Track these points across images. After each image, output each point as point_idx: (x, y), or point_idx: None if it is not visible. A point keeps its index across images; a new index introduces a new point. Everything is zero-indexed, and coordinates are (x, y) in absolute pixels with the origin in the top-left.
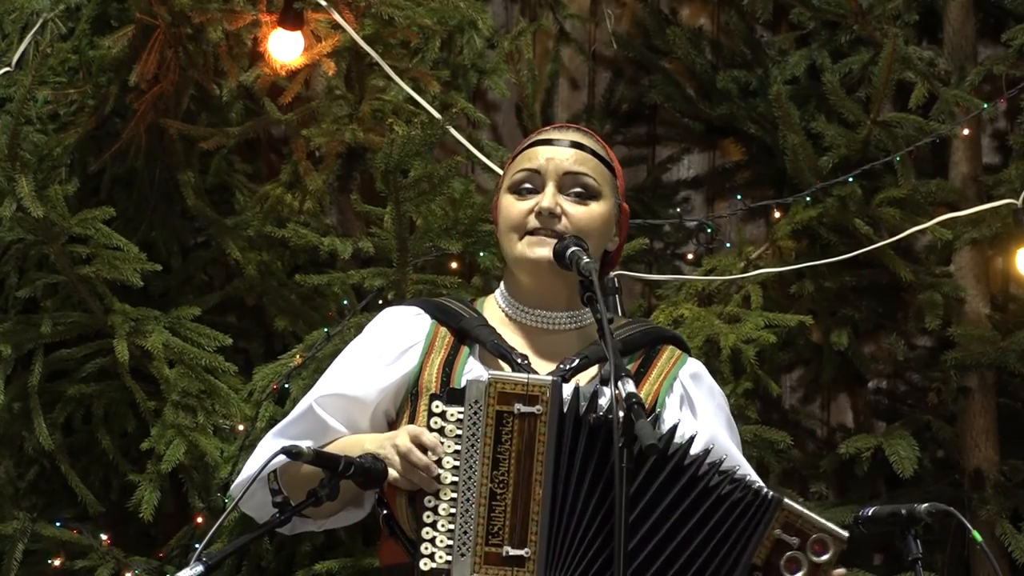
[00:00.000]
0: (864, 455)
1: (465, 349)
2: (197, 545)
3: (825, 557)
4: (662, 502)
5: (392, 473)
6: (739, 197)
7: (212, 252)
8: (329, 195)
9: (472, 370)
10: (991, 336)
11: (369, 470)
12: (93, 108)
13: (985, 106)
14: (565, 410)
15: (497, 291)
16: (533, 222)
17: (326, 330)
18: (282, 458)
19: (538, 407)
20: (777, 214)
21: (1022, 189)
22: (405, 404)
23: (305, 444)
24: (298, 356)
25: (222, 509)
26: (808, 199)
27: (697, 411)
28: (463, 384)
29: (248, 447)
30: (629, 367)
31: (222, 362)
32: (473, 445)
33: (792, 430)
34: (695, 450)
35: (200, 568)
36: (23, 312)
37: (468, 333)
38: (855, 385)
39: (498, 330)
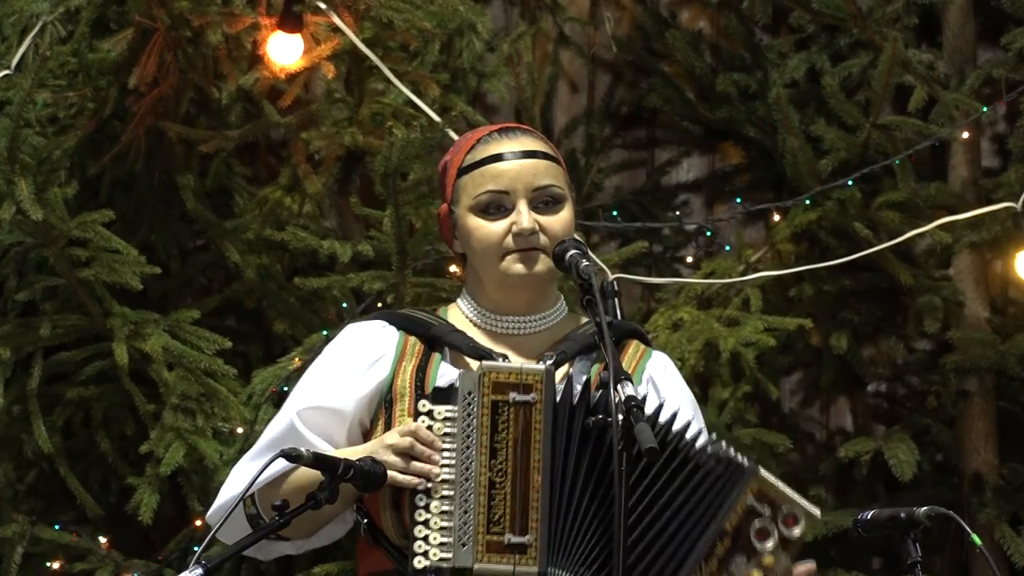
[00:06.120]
0: (863, 459)
1: (436, 355)
2: (196, 548)
3: (796, 532)
4: (656, 485)
5: (391, 474)
6: (738, 200)
7: (211, 255)
8: (328, 198)
9: (445, 374)
10: (990, 340)
11: (369, 473)
12: (92, 111)
13: (984, 109)
14: (559, 398)
15: (460, 301)
16: (511, 242)
17: (325, 333)
18: (264, 477)
19: (533, 395)
20: (776, 217)
21: (1021, 192)
22: (379, 412)
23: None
24: (297, 359)
25: None
26: (807, 202)
27: (666, 400)
28: (438, 385)
29: (247, 450)
30: (596, 362)
31: (221, 365)
32: (469, 435)
33: (791, 433)
34: (677, 426)
35: (199, 571)
36: (22, 315)
37: (440, 340)
38: (854, 388)
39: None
